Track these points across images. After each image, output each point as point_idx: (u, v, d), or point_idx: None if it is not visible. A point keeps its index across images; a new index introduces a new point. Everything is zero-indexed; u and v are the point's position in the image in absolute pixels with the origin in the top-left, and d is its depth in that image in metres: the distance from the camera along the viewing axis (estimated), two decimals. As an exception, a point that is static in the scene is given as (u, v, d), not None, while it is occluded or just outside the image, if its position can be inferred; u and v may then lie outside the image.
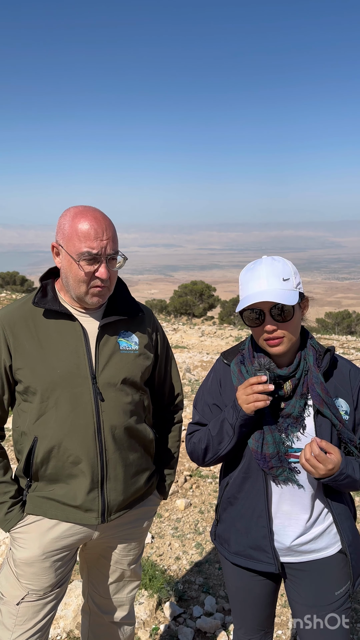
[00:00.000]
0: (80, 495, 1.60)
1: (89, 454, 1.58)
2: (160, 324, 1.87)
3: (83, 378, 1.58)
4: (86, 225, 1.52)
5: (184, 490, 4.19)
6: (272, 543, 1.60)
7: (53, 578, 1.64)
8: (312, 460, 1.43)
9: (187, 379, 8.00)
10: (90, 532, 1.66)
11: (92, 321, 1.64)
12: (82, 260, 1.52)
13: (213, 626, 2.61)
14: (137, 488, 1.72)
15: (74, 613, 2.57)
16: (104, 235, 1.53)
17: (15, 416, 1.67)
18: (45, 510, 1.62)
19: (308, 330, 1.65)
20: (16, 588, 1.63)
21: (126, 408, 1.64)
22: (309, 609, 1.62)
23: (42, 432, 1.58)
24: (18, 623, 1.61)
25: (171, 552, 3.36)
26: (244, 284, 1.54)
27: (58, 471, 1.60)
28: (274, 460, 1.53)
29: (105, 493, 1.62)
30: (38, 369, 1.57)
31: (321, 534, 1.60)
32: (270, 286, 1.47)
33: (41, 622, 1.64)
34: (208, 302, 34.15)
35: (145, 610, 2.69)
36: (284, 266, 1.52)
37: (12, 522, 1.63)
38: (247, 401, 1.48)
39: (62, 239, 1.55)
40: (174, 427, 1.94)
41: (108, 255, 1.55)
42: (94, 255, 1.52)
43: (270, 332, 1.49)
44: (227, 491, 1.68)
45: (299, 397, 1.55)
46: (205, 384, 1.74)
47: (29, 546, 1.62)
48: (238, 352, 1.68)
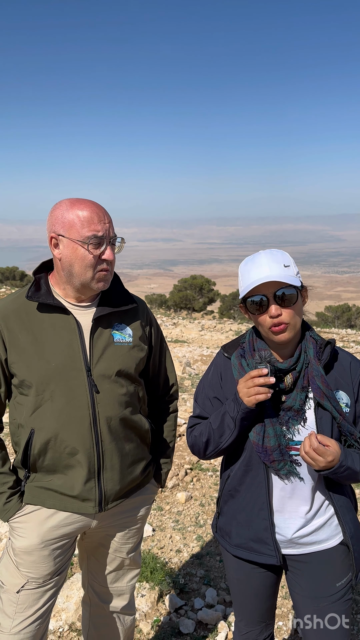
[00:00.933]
0: (78, 485, 1.62)
1: (85, 445, 1.60)
2: (154, 315, 1.88)
3: (78, 371, 1.60)
4: (87, 211, 1.56)
5: (184, 484, 4.20)
6: (273, 535, 1.60)
7: (52, 566, 1.66)
8: (312, 452, 1.43)
9: (187, 373, 8.01)
10: (88, 521, 1.69)
11: (85, 314, 1.65)
12: (89, 244, 1.55)
13: (214, 618, 2.62)
14: (133, 477, 1.74)
15: (75, 605, 2.58)
16: (105, 218, 1.59)
17: (12, 409, 1.69)
18: (43, 500, 1.64)
19: (308, 324, 1.65)
20: (16, 576, 1.65)
21: (121, 399, 1.66)
22: (310, 601, 1.63)
23: (39, 425, 1.60)
24: (18, 610, 1.63)
25: (172, 544, 3.37)
26: (244, 274, 1.53)
27: (55, 462, 1.62)
28: (275, 453, 1.53)
29: (102, 483, 1.65)
30: (33, 363, 1.58)
31: (322, 526, 1.60)
32: (272, 271, 1.47)
33: (41, 609, 1.66)
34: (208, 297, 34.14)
35: (147, 602, 2.70)
36: (283, 255, 1.53)
37: (10, 512, 1.65)
38: (248, 394, 1.48)
39: (62, 228, 1.56)
40: (169, 416, 1.95)
41: (111, 238, 1.60)
42: (100, 239, 1.56)
43: (275, 315, 1.48)
44: (228, 484, 1.68)
45: (300, 390, 1.54)
46: (206, 378, 1.74)
47: (28, 535, 1.64)
48: (238, 345, 1.68)
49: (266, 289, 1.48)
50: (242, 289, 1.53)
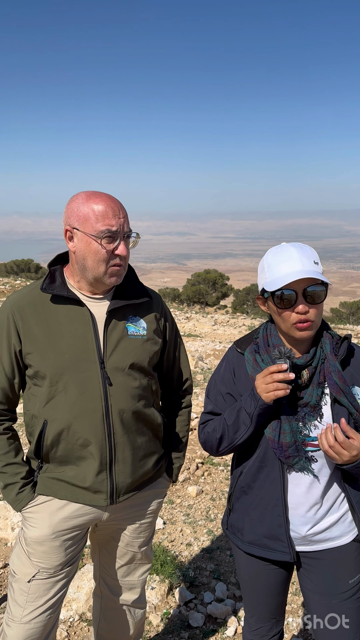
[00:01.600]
0: (89, 476, 1.62)
1: (97, 437, 1.60)
2: (169, 309, 1.87)
3: (91, 363, 1.60)
4: (102, 205, 1.55)
5: (195, 478, 4.20)
6: (287, 532, 1.59)
7: (63, 557, 1.67)
8: (337, 446, 1.41)
9: (199, 367, 8.00)
10: (99, 513, 1.69)
11: (100, 306, 1.65)
12: (103, 239, 1.54)
13: (224, 612, 2.62)
14: (145, 471, 1.73)
15: (86, 596, 2.60)
16: (120, 213, 1.57)
17: (26, 400, 1.70)
18: (55, 490, 1.65)
19: (324, 320, 1.62)
20: (27, 566, 1.66)
21: (134, 392, 1.66)
22: (321, 598, 1.61)
23: (52, 416, 1.60)
24: (29, 600, 1.64)
25: (182, 538, 3.38)
26: (273, 266, 1.50)
27: (68, 453, 1.62)
28: (291, 450, 1.51)
29: (114, 475, 1.65)
30: (47, 354, 1.59)
31: (336, 523, 1.59)
32: (304, 267, 1.45)
33: (52, 599, 1.67)
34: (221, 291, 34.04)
35: (157, 595, 2.72)
36: (312, 251, 1.51)
37: (23, 502, 1.66)
38: (266, 390, 1.46)
39: (77, 222, 1.56)
40: (182, 411, 1.95)
41: (125, 233, 1.58)
42: (113, 233, 1.55)
43: (303, 313, 1.46)
44: (240, 480, 1.67)
45: (316, 385, 1.53)
46: (218, 373, 1.72)
47: (40, 525, 1.65)
48: (252, 340, 1.66)
49: (296, 284, 1.45)
50: (268, 282, 1.50)
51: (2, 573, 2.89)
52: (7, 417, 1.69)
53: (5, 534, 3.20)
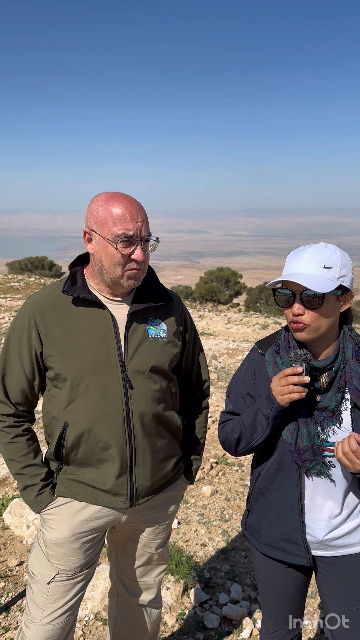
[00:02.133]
0: (110, 479, 1.62)
1: (118, 440, 1.60)
2: (188, 311, 1.86)
3: (112, 365, 1.59)
4: (120, 209, 1.52)
5: (210, 477, 4.19)
6: (304, 536, 1.57)
7: (82, 559, 1.67)
8: (350, 454, 1.40)
9: (213, 366, 7.98)
10: (118, 515, 1.69)
11: (121, 309, 1.64)
12: (118, 243, 1.52)
13: (239, 614, 2.61)
14: (164, 473, 1.73)
15: (101, 595, 2.61)
16: (139, 217, 1.54)
17: (46, 401, 1.69)
18: (75, 492, 1.65)
19: (349, 322, 1.59)
20: (47, 568, 1.66)
21: (154, 395, 1.65)
22: (339, 604, 1.60)
23: (73, 418, 1.60)
24: (49, 602, 1.65)
25: (197, 538, 3.38)
26: (286, 264, 1.51)
27: (88, 456, 1.62)
28: (307, 454, 1.50)
29: (134, 478, 1.64)
30: (68, 357, 1.58)
31: (355, 529, 1.57)
32: (306, 270, 1.43)
33: (71, 601, 1.68)
34: (234, 289, 33.92)
35: (172, 595, 2.71)
36: (332, 254, 1.46)
37: (42, 504, 1.66)
38: (281, 392, 1.45)
39: (95, 224, 1.55)
40: (200, 413, 1.94)
41: (143, 237, 1.56)
42: (130, 237, 1.53)
43: (296, 314, 1.45)
44: (259, 482, 1.66)
45: (336, 390, 1.50)
46: (239, 374, 1.71)
47: (59, 527, 1.65)
48: (273, 342, 1.65)
49: (295, 285, 1.44)
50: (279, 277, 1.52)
51: (17, 570, 2.91)
52: (26, 419, 1.70)
53: (21, 532, 3.22)
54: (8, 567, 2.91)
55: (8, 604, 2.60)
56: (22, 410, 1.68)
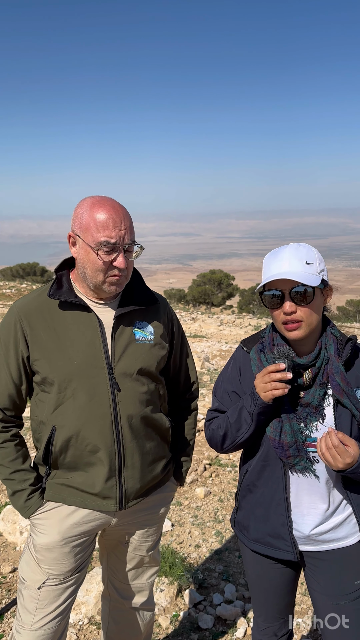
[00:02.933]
0: (99, 483, 1.62)
1: (106, 443, 1.60)
2: (175, 313, 1.87)
3: (99, 369, 1.60)
4: (104, 215, 1.52)
5: (203, 479, 4.20)
6: (290, 531, 1.59)
7: (73, 563, 1.67)
8: (332, 450, 1.42)
9: (205, 368, 8.00)
10: (108, 519, 1.69)
11: (107, 312, 1.65)
12: (100, 250, 1.52)
13: (233, 614, 2.62)
14: (154, 476, 1.74)
15: (95, 599, 2.60)
16: (122, 224, 1.53)
17: (33, 406, 1.70)
18: (64, 497, 1.65)
19: (329, 319, 1.62)
20: (37, 573, 1.66)
21: (142, 398, 1.66)
22: (328, 599, 1.61)
23: (60, 422, 1.60)
24: (39, 607, 1.64)
25: (191, 539, 3.38)
26: (266, 267, 1.52)
27: (76, 459, 1.62)
28: (291, 449, 1.52)
29: (123, 481, 1.65)
30: (55, 360, 1.58)
31: (341, 524, 1.59)
32: (291, 268, 1.46)
33: (62, 605, 1.67)
34: (227, 291, 33.99)
35: (166, 597, 2.72)
36: (309, 251, 1.50)
37: (32, 509, 1.66)
38: (264, 389, 1.47)
39: (79, 229, 1.55)
40: (189, 414, 1.95)
41: (126, 245, 1.55)
42: (112, 245, 1.52)
43: (289, 312, 1.47)
44: (246, 478, 1.68)
45: (319, 386, 1.53)
46: (225, 372, 1.73)
47: (49, 532, 1.65)
48: (258, 340, 1.67)
49: (283, 284, 1.46)
50: (262, 281, 1.52)
51: (11, 577, 2.90)
52: (14, 424, 1.70)
53: (14, 538, 3.22)
54: (1, 574, 2.90)
55: (2, 611, 2.59)
56: (10, 415, 1.67)
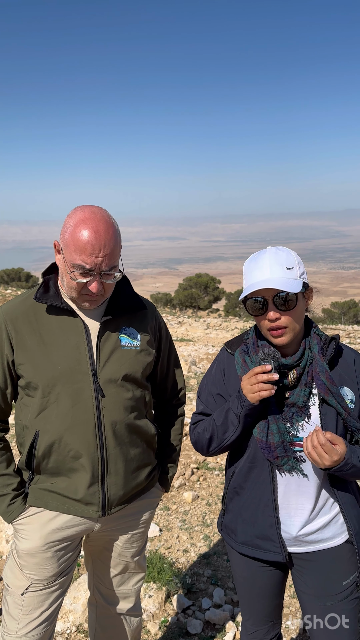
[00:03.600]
0: (81, 489, 1.61)
1: (89, 449, 1.59)
2: (163, 319, 1.86)
3: (84, 374, 1.58)
4: (84, 238, 1.47)
5: (191, 483, 4.19)
6: (278, 532, 1.59)
7: (56, 568, 1.66)
8: (319, 449, 1.42)
9: (192, 371, 8.00)
10: (91, 525, 1.68)
11: (93, 317, 1.64)
12: (75, 272, 1.50)
13: (222, 618, 2.61)
14: (137, 482, 1.72)
15: (83, 607, 2.57)
16: (101, 252, 1.48)
17: (18, 410, 1.68)
18: (46, 502, 1.64)
19: (312, 320, 1.63)
20: (20, 579, 1.65)
21: (127, 404, 1.64)
22: (316, 600, 1.61)
23: (44, 427, 1.59)
24: (24, 613, 1.63)
25: (179, 544, 3.37)
26: (247, 274, 1.53)
27: (59, 465, 1.61)
28: (279, 450, 1.52)
29: (106, 487, 1.64)
30: (39, 365, 1.57)
31: (328, 524, 1.59)
32: (273, 274, 1.46)
33: (47, 611, 1.66)
34: (213, 295, 34.08)
35: (154, 602, 2.70)
36: (288, 255, 1.50)
37: (14, 514, 1.65)
38: (251, 391, 1.47)
39: (62, 242, 1.53)
40: (176, 420, 1.94)
41: (102, 272, 1.51)
42: (87, 271, 1.50)
43: (273, 320, 1.47)
44: (233, 481, 1.67)
45: (304, 386, 1.53)
46: (209, 374, 1.73)
47: (31, 537, 1.64)
48: (242, 342, 1.67)
49: (266, 292, 1.47)
50: (244, 289, 1.52)
51: (-3, 586, 2.85)
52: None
53: (0, 547, 3.17)
54: (-13, 584, 2.85)
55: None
56: None
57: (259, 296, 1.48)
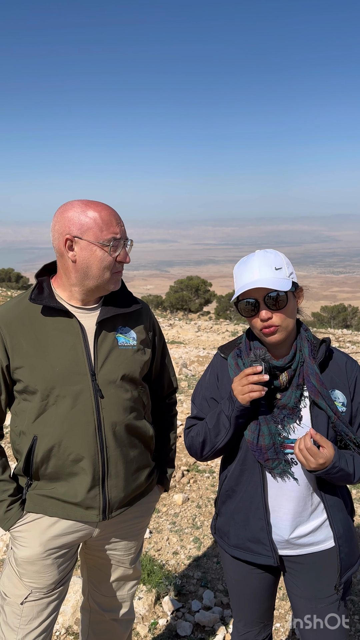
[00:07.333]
0: (81, 492, 1.59)
1: (90, 452, 1.57)
2: (156, 318, 1.86)
3: (82, 375, 1.57)
4: (105, 213, 1.55)
5: (181, 485, 4.19)
6: (270, 536, 1.60)
7: (56, 575, 1.63)
8: (305, 451, 1.44)
9: (183, 374, 8.00)
10: (90, 530, 1.66)
11: (89, 317, 1.63)
12: (109, 247, 1.55)
13: (212, 620, 2.62)
14: (138, 484, 1.71)
15: (72, 609, 2.57)
16: (121, 220, 1.59)
17: (14, 416, 1.66)
18: (45, 508, 1.61)
19: (303, 323, 1.65)
20: (19, 587, 1.61)
21: (126, 404, 1.63)
22: (307, 602, 1.63)
23: (42, 431, 1.56)
24: (23, 623, 1.59)
25: (169, 547, 3.37)
26: (237, 277, 1.55)
27: (59, 470, 1.58)
28: (269, 452, 1.53)
29: (107, 490, 1.62)
30: (37, 368, 1.55)
31: (319, 527, 1.60)
32: (262, 275, 1.48)
33: (46, 621, 1.63)
34: (204, 297, 34.14)
35: (144, 605, 2.70)
36: (276, 257, 1.53)
37: (11, 521, 1.62)
38: (242, 392, 1.49)
39: (78, 230, 1.53)
40: (171, 420, 1.94)
41: (127, 240, 1.60)
42: (118, 241, 1.56)
43: (265, 319, 1.49)
44: (225, 484, 1.68)
45: (295, 388, 1.55)
46: (204, 379, 1.74)
47: (30, 544, 1.60)
48: (235, 346, 1.69)
49: (256, 292, 1.49)
50: (235, 291, 1.54)
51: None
52: None
53: None
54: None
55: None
56: None
57: (250, 297, 1.50)
